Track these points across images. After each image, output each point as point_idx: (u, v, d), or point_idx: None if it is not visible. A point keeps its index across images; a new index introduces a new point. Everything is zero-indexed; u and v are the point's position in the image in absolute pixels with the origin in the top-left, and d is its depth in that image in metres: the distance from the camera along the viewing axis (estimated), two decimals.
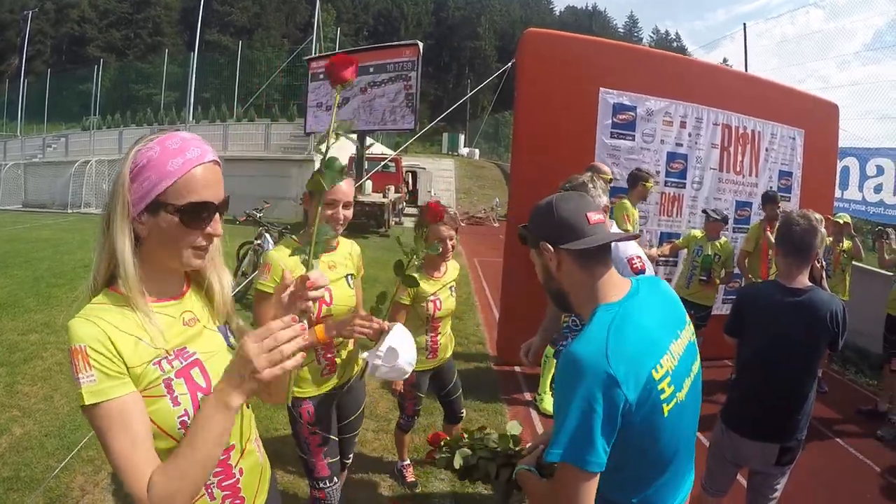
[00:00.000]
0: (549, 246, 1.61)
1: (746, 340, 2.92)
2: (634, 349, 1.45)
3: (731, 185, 7.21)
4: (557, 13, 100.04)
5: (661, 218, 6.85)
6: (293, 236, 2.23)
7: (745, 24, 13.08)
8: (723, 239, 6.21)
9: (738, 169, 7.20)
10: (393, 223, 20.30)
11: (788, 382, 2.77)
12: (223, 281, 1.53)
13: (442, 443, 2.17)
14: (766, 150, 7.36)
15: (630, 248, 2.95)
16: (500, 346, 6.58)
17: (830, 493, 4.30)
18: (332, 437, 2.71)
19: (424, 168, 29.66)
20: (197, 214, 1.29)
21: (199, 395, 1.30)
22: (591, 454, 1.37)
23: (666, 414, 1.48)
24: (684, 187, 6.88)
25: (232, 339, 1.52)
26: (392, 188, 20.97)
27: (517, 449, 2.00)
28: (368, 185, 19.58)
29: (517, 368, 6.33)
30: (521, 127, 6.12)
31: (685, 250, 6.41)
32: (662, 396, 1.47)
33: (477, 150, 48.58)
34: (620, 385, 1.38)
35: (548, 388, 5.38)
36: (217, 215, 1.35)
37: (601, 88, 6.19)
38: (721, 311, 6.82)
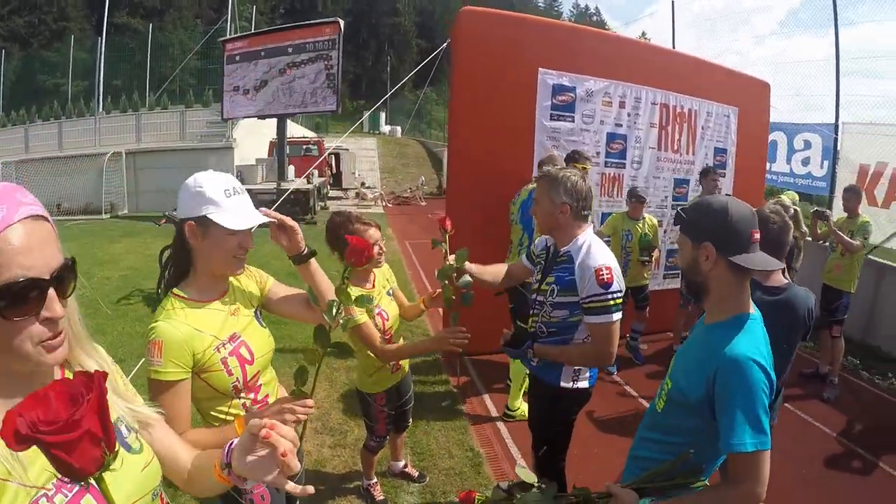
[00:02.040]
0: (713, 248, 1.75)
1: None
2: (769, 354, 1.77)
3: (669, 163, 7.19)
4: None
5: (602, 199, 6.72)
6: (178, 291, 1.87)
7: (672, 0, 13.10)
8: (646, 217, 6.25)
9: (675, 147, 7.17)
10: (319, 208, 19.68)
11: None
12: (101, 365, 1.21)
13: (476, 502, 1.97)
14: (703, 128, 7.38)
15: (601, 257, 2.67)
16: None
17: (789, 461, 4.37)
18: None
19: (347, 149, 29.04)
20: (19, 298, 0.95)
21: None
22: (768, 436, 1.66)
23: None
24: (624, 167, 6.79)
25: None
26: (316, 172, 20.41)
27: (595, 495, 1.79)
28: (291, 170, 18.99)
29: (466, 357, 6.17)
30: (457, 109, 5.82)
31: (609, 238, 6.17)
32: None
33: (399, 128, 48.24)
34: (771, 388, 1.70)
35: (520, 398, 4.95)
36: (53, 292, 0.99)
37: (540, 69, 5.94)
38: (661, 287, 7.15)
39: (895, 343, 7.11)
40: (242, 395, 1.92)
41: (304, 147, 23.68)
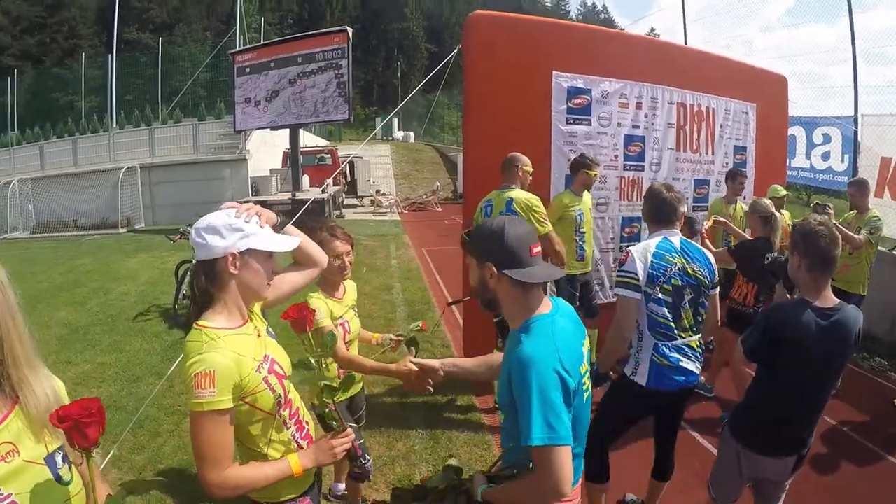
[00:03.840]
0: (494, 268, 1.92)
1: (778, 367, 2.65)
2: (569, 351, 1.89)
3: (688, 163, 7.01)
4: None
5: (622, 203, 6.53)
6: (206, 323, 1.90)
7: None
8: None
9: (694, 147, 7.00)
10: (335, 217, 19.58)
11: (819, 398, 2.68)
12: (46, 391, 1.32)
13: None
14: (721, 126, 7.21)
15: (635, 245, 3.29)
16: (467, 347, 6.02)
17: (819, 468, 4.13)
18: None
19: (361, 157, 29.06)
20: None
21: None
22: (563, 430, 1.75)
23: (585, 398, 2.01)
24: (643, 170, 6.59)
25: None
26: (330, 181, 20.38)
27: (463, 478, 2.10)
28: (306, 180, 18.98)
29: None
30: (471, 116, 5.67)
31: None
32: (584, 384, 1.99)
33: (412, 134, 48.08)
34: (568, 375, 1.83)
35: None
36: None
37: (554, 72, 5.79)
38: None
39: None
40: (282, 412, 1.99)
41: (318, 156, 23.71)
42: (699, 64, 7.09)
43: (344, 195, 24.60)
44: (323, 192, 18.20)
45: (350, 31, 16.29)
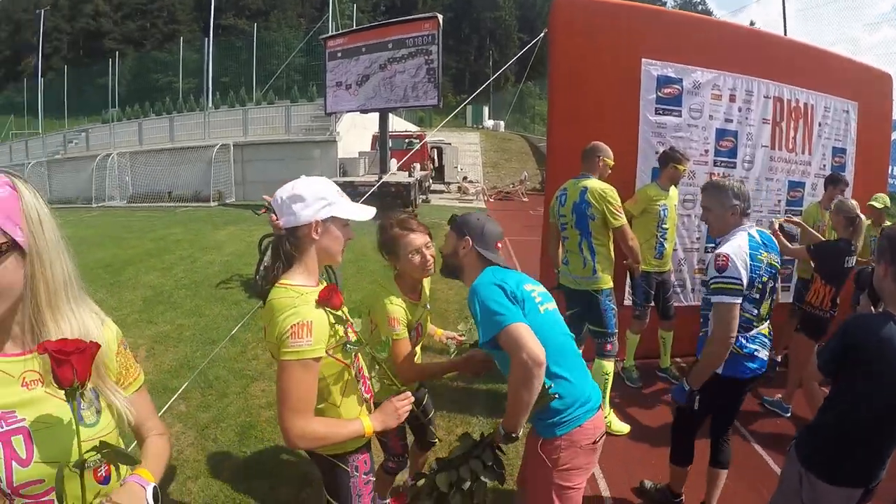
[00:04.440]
0: (470, 241, 2.57)
1: (853, 385, 2.41)
2: (508, 276, 2.42)
3: (783, 163, 6.57)
4: None
5: None
6: (288, 280, 2.04)
7: None
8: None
9: (790, 146, 6.56)
10: (420, 201, 19.75)
11: None
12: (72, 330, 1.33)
13: (416, 482, 2.40)
14: (820, 124, 6.70)
15: (728, 247, 3.10)
16: None
17: None
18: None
19: (450, 143, 29.15)
20: None
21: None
22: (508, 312, 2.19)
23: (542, 312, 2.39)
24: (734, 167, 6.24)
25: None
26: (418, 166, 20.51)
27: (478, 440, 2.39)
28: (393, 163, 19.21)
29: None
30: (556, 102, 5.54)
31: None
32: (536, 300, 2.41)
33: (502, 123, 47.87)
34: (508, 285, 2.33)
35: (608, 407, 4.73)
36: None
37: (643, 59, 5.58)
38: None
39: None
40: (354, 365, 2.16)
41: (407, 141, 23.92)
42: (797, 56, 6.63)
43: (431, 180, 24.75)
44: (409, 175, 18.38)
45: (440, 17, 16.30)
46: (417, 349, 3.01)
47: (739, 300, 3.03)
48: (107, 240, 13.51)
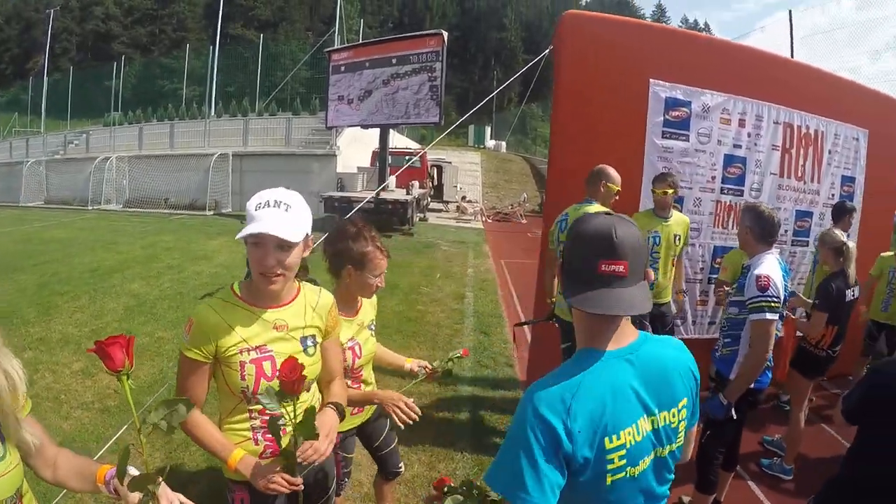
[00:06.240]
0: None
1: (881, 434, 2.16)
2: (596, 404, 1.38)
3: (791, 192, 6.27)
4: (584, 2, 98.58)
5: (714, 230, 5.93)
6: (236, 288, 2.04)
7: (790, 10, 12.25)
8: None
9: (799, 174, 6.27)
10: (417, 219, 19.54)
11: None
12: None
13: (445, 489, 1.90)
14: (829, 152, 6.42)
15: (765, 268, 3.34)
16: (531, 372, 5.59)
17: None
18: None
19: (450, 162, 29.07)
20: None
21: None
22: (534, 491, 1.31)
23: (609, 483, 1.40)
24: (742, 195, 5.95)
25: None
26: (416, 184, 20.34)
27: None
28: (392, 180, 19.05)
29: None
30: (559, 120, 5.30)
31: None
32: (609, 466, 1.38)
33: (504, 143, 48.08)
34: (574, 433, 1.34)
35: None
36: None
37: (651, 80, 5.34)
38: None
39: None
40: (252, 405, 2.02)
41: (407, 158, 23.78)
42: (808, 80, 6.36)
43: (429, 198, 24.59)
44: (407, 193, 18.19)
45: (445, 34, 16.25)
46: (365, 370, 2.87)
47: (777, 317, 3.23)
48: (97, 244, 13.39)
